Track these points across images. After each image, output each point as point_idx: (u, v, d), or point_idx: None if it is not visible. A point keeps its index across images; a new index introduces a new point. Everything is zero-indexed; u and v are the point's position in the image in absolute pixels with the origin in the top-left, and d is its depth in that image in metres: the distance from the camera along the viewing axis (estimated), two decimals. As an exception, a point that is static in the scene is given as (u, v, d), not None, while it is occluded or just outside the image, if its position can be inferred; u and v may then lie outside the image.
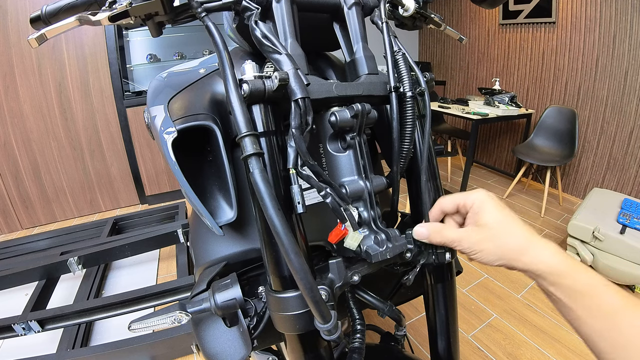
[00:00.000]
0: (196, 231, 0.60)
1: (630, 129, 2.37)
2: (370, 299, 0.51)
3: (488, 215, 0.37)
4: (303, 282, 0.30)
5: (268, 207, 0.30)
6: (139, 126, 2.57)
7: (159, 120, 0.46)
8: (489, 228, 0.36)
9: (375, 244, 0.40)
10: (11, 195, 2.44)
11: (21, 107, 2.32)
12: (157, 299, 1.42)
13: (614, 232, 1.68)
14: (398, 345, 0.64)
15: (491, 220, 0.37)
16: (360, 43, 0.44)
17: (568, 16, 2.58)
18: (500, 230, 0.36)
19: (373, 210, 0.41)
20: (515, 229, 0.36)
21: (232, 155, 0.48)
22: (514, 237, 0.36)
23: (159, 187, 2.79)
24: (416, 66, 0.44)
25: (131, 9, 0.37)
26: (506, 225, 0.37)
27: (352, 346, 0.44)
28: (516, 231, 0.36)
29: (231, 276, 0.45)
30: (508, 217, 0.37)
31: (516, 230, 0.36)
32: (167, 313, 0.42)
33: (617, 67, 2.37)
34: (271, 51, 0.36)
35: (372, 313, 1.24)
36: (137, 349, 1.27)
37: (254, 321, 0.44)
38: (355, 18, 0.44)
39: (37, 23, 0.44)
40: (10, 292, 1.69)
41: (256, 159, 0.31)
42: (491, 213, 0.37)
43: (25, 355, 1.26)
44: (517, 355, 1.36)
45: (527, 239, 0.35)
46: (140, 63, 2.64)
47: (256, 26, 0.37)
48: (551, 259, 0.34)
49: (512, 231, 0.36)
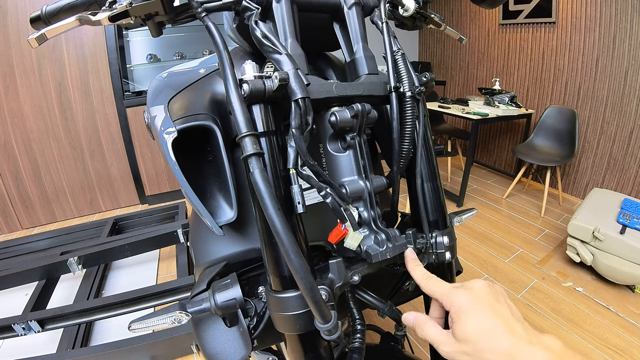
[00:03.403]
0: (196, 231, 0.60)
1: (630, 129, 2.37)
2: (370, 299, 0.51)
3: (466, 327, 0.33)
4: (303, 282, 0.30)
5: (268, 207, 0.30)
6: (139, 126, 2.57)
7: (159, 120, 0.46)
8: (465, 342, 0.32)
9: (375, 244, 0.40)
10: (11, 195, 2.44)
11: (21, 107, 2.32)
12: (157, 299, 1.42)
13: (614, 232, 1.68)
14: (398, 345, 0.64)
15: (469, 333, 0.32)
16: (360, 43, 0.44)
17: (568, 16, 2.58)
18: (479, 346, 0.31)
19: (373, 210, 0.41)
20: (500, 342, 0.31)
21: (232, 155, 0.48)
22: (498, 352, 0.31)
23: (159, 187, 2.79)
24: (411, 66, 0.44)
25: (131, 9, 0.37)
26: (488, 341, 0.31)
27: (352, 346, 0.44)
28: (501, 345, 0.31)
29: (231, 276, 0.45)
30: (493, 327, 0.32)
31: (501, 344, 0.31)
32: (167, 313, 0.42)
33: (617, 67, 2.37)
34: (271, 51, 0.36)
35: (372, 313, 1.24)
36: (137, 349, 1.27)
37: (254, 321, 0.44)
38: (355, 18, 0.44)
39: (37, 23, 0.44)
40: (10, 292, 1.69)
41: (256, 159, 0.31)
42: (470, 324, 0.33)
43: (25, 355, 1.26)
44: (517, 355, 1.36)
45: (516, 352, 0.30)
46: (140, 63, 2.64)
47: (256, 26, 0.37)
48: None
49: (495, 347, 0.31)
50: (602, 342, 1.38)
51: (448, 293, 0.36)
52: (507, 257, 1.98)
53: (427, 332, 0.37)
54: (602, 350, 1.35)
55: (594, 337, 1.41)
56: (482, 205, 2.67)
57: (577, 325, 1.47)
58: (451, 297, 0.35)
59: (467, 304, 0.34)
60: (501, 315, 0.33)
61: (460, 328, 0.33)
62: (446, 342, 0.34)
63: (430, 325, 0.37)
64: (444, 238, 0.46)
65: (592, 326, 1.47)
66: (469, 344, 0.32)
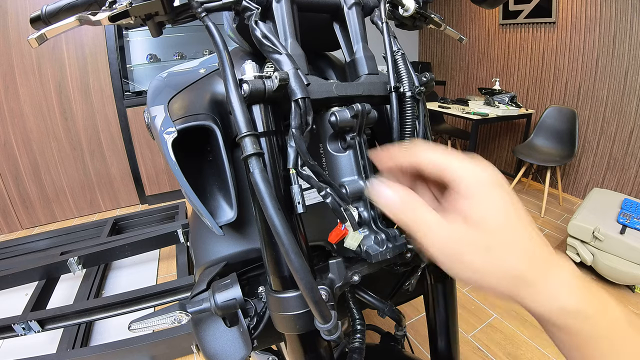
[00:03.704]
0: (196, 231, 0.60)
1: (630, 129, 2.37)
2: (370, 299, 0.51)
3: (487, 210, 0.23)
4: (303, 282, 0.30)
5: (268, 207, 0.30)
6: (139, 126, 2.57)
7: (159, 120, 0.47)
8: (484, 231, 0.23)
9: (375, 244, 0.40)
10: (11, 195, 2.44)
11: (21, 107, 2.32)
12: (157, 299, 1.42)
13: (614, 232, 1.68)
14: (398, 345, 0.64)
15: (491, 219, 0.23)
16: (360, 43, 0.44)
17: (568, 16, 2.58)
18: (501, 240, 0.23)
19: (373, 210, 0.41)
20: (524, 240, 0.23)
21: (232, 155, 0.48)
22: (520, 254, 0.23)
23: (159, 187, 2.79)
24: (411, 66, 0.44)
25: (131, 9, 0.37)
26: (511, 234, 0.23)
27: (352, 346, 0.44)
28: (524, 245, 0.23)
29: (231, 276, 0.45)
30: (516, 218, 0.23)
31: (525, 243, 0.23)
32: (167, 313, 0.42)
33: (617, 67, 2.37)
34: (271, 51, 0.36)
35: (372, 313, 1.24)
36: (137, 349, 1.27)
37: (254, 321, 0.44)
38: (355, 18, 0.44)
39: (37, 23, 0.44)
40: (10, 292, 1.69)
41: (256, 159, 0.31)
42: (493, 208, 0.23)
43: (25, 355, 1.26)
44: (517, 355, 1.36)
45: (537, 262, 0.23)
46: (140, 63, 2.64)
47: (256, 26, 0.37)
48: (569, 298, 0.23)
49: (518, 244, 0.23)
50: (602, 342, 1.38)
51: (451, 160, 0.25)
52: (507, 257, 1.98)
53: (420, 215, 0.25)
54: (602, 350, 1.35)
55: (594, 337, 1.41)
56: (482, 205, 2.67)
57: (577, 325, 1.47)
58: (462, 168, 0.24)
59: (485, 178, 0.24)
60: (520, 207, 0.24)
61: (478, 210, 0.23)
62: (445, 227, 0.24)
63: (425, 207, 0.25)
64: (444, 238, 0.46)
65: (592, 326, 1.46)
66: (485, 232, 0.23)
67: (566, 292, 0.23)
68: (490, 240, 0.23)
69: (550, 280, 0.23)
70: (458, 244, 0.23)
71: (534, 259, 0.23)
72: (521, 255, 0.23)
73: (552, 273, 0.23)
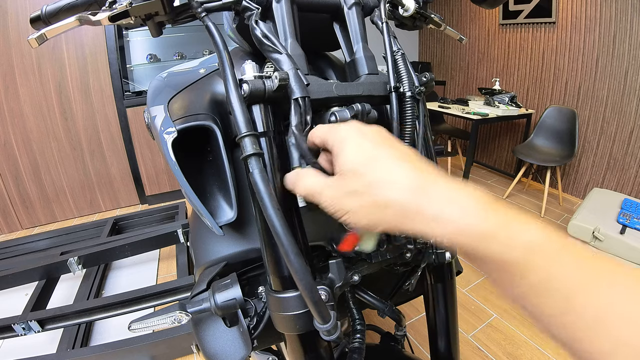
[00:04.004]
0: (196, 231, 0.60)
1: (630, 129, 2.37)
2: (370, 299, 0.51)
3: (350, 154, 0.26)
4: (303, 282, 0.30)
5: (268, 207, 0.30)
6: (139, 126, 2.57)
7: (159, 120, 0.47)
8: (352, 175, 0.25)
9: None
10: (11, 195, 2.44)
11: (21, 107, 2.32)
12: (157, 299, 1.42)
13: (614, 232, 1.68)
14: (398, 345, 0.64)
15: (355, 161, 0.25)
16: (360, 43, 0.44)
17: (568, 16, 2.58)
18: (370, 177, 0.24)
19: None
20: (401, 172, 0.24)
21: (232, 155, 0.48)
22: (393, 187, 0.24)
23: (159, 187, 2.79)
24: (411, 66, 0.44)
25: (131, 9, 0.37)
26: (383, 169, 0.25)
27: (352, 346, 0.44)
28: (402, 176, 0.24)
29: (231, 276, 0.45)
30: (390, 153, 0.25)
31: (402, 174, 0.24)
32: (167, 313, 0.42)
33: (617, 67, 2.37)
34: (271, 51, 0.36)
35: (372, 313, 1.24)
36: (137, 349, 1.27)
37: (254, 321, 0.44)
38: (355, 18, 0.44)
39: (37, 23, 0.44)
40: (10, 292, 1.69)
41: (256, 159, 0.31)
42: (355, 150, 0.26)
43: (25, 355, 1.26)
44: (517, 355, 1.36)
45: (416, 190, 0.23)
46: (140, 63, 2.63)
47: (256, 26, 0.37)
48: (464, 218, 0.22)
49: (395, 178, 0.24)
50: (602, 342, 1.38)
51: (327, 129, 0.29)
52: (507, 257, 1.98)
53: (305, 183, 0.29)
54: (602, 350, 1.35)
55: (594, 337, 1.41)
56: (482, 205, 2.67)
57: (577, 325, 1.47)
58: (334, 129, 0.29)
59: (345, 134, 0.27)
60: (389, 147, 0.26)
61: (343, 158, 0.26)
62: (329, 185, 0.27)
63: (310, 174, 0.29)
64: (444, 238, 0.46)
65: (592, 326, 1.46)
66: (357, 177, 0.25)
67: (459, 213, 0.22)
68: (362, 182, 0.25)
69: (439, 204, 0.23)
70: (338, 195, 0.26)
71: (413, 189, 0.23)
72: (402, 185, 0.24)
73: (439, 198, 0.23)
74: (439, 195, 0.23)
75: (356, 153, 0.26)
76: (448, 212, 0.22)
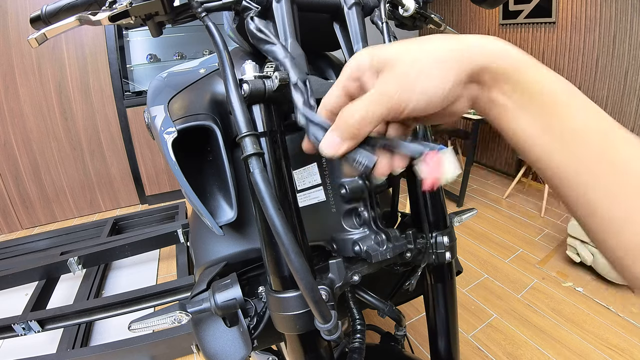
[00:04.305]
0: (196, 231, 0.60)
1: (630, 129, 2.37)
2: (370, 299, 0.51)
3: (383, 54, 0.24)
4: (303, 282, 0.30)
5: (268, 207, 0.30)
6: (139, 126, 2.57)
7: (159, 120, 0.47)
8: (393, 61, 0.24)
9: (375, 244, 0.40)
10: (11, 195, 2.44)
11: (21, 107, 2.32)
12: (157, 299, 1.42)
13: (614, 232, 1.67)
14: (398, 345, 0.64)
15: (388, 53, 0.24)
16: (361, 43, 0.44)
17: (568, 16, 2.58)
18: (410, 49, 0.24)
19: (373, 210, 0.41)
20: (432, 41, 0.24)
21: (232, 155, 0.48)
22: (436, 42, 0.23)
23: (159, 187, 2.79)
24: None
25: (131, 9, 0.37)
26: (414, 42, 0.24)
27: (352, 346, 0.44)
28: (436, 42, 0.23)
29: (231, 276, 0.45)
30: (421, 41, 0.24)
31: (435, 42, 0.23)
32: (167, 313, 0.42)
33: (617, 67, 2.37)
34: (264, 42, 0.36)
35: (372, 313, 1.24)
36: (137, 349, 1.27)
37: (254, 321, 0.44)
38: (355, 18, 0.44)
39: (37, 23, 0.44)
40: (10, 292, 1.69)
41: (256, 159, 0.31)
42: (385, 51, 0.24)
43: (25, 355, 1.26)
44: (517, 356, 1.36)
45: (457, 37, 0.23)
46: (140, 63, 2.63)
47: (251, 21, 0.37)
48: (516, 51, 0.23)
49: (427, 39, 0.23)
50: (602, 342, 1.38)
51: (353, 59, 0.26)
52: (507, 257, 1.98)
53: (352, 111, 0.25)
54: (602, 350, 1.35)
55: (594, 337, 1.41)
56: (482, 205, 2.68)
57: (577, 325, 1.47)
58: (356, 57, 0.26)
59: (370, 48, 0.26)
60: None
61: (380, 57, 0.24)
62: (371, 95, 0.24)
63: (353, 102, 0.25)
64: (444, 238, 0.46)
65: (592, 326, 1.47)
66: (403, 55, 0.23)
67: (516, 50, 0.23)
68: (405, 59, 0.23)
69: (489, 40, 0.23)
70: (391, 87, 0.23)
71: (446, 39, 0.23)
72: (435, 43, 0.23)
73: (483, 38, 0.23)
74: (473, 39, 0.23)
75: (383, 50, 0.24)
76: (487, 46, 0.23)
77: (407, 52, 0.24)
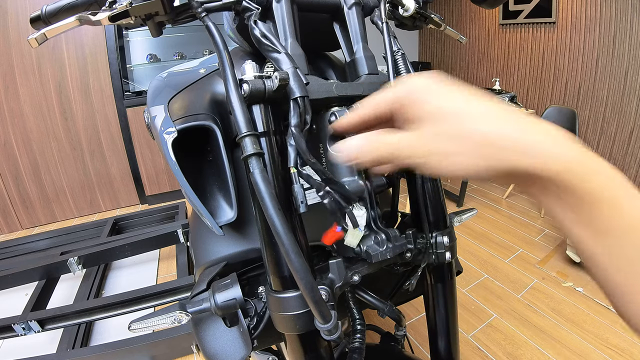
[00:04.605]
0: (196, 231, 0.60)
1: (630, 129, 2.37)
2: (370, 299, 0.51)
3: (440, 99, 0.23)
4: (303, 282, 0.30)
5: (268, 207, 0.30)
6: (139, 126, 2.57)
7: (159, 120, 0.47)
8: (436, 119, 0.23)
9: (375, 244, 0.40)
10: (11, 195, 2.44)
11: (21, 107, 2.32)
12: (157, 299, 1.42)
13: (614, 232, 1.67)
14: (398, 345, 0.64)
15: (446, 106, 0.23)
16: (360, 43, 0.44)
17: (568, 16, 2.58)
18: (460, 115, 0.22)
19: (373, 210, 0.41)
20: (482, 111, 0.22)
21: (232, 155, 0.48)
22: (483, 121, 0.22)
23: (159, 187, 2.79)
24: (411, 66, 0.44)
25: (131, 9, 0.37)
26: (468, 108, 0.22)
27: (352, 346, 0.44)
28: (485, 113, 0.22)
29: (231, 276, 0.45)
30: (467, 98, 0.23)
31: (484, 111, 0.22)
32: (167, 313, 0.42)
33: (617, 67, 2.37)
34: (270, 50, 0.36)
35: (372, 313, 1.24)
36: (137, 349, 1.27)
37: (254, 321, 0.44)
38: (355, 18, 0.44)
39: (37, 23, 0.44)
40: (10, 292, 1.69)
41: (256, 159, 0.32)
42: (445, 95, 0.23)
43: (25, 355, 1.26)
44: (517, 356, 1.36)
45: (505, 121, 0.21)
46: (140, 63, 2.63)
47: (255, 25, 0.37)
48: (568, 152, 0.21)
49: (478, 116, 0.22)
50: (602, 342, 1.38)
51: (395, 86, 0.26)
52: (507, 257, 1.98)
53: (386, 139, 0.25)
54: (602, 350, 1.35)
55: (594, 337, 1.41)
56: (482, 205, 2.68)
57: (577, 325, 1.47)
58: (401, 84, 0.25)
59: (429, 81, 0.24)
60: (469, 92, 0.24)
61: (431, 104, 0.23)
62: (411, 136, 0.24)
63: (385, 133, 0.26)
64: (444, 238, 0.46)
65: (592, 326, 1.47)
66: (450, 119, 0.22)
67: (562, 145, 0.21)
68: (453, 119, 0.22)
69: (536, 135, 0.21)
70: (425, 142, 0.23)
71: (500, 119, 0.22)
72: (485, 121, 0.22)
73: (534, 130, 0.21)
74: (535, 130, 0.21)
75: (449, 96, 0.23)
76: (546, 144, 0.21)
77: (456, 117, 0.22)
